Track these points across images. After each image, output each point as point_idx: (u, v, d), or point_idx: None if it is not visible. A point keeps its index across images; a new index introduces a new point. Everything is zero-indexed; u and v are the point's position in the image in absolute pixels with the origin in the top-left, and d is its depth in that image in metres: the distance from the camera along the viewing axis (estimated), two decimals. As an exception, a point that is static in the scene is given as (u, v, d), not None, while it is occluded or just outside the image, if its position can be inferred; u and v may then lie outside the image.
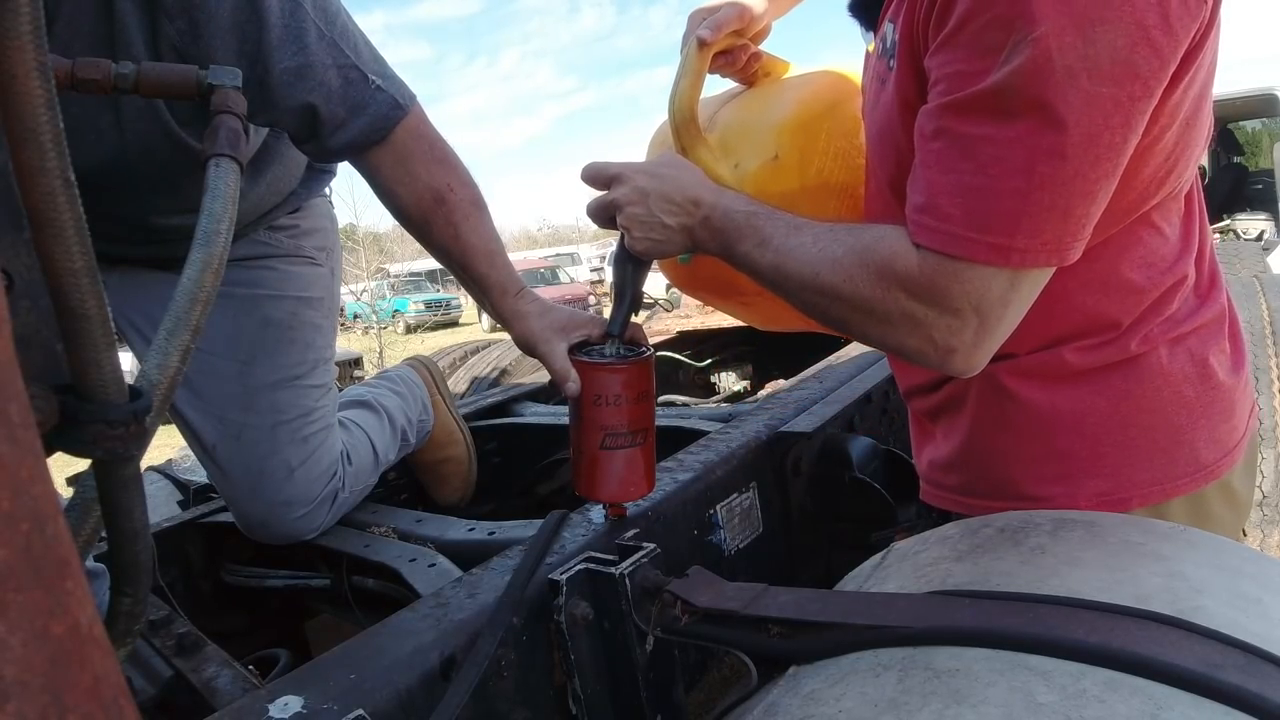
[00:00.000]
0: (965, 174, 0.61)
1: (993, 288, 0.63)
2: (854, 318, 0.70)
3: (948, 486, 0.88)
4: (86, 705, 0.22)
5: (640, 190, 0.81)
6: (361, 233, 16.96)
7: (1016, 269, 0.62)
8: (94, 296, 0.38)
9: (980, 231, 0.61)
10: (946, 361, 0.68)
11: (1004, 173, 0.59)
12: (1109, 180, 0.60)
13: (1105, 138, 0.58)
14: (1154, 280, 0.74)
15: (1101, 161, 0.59)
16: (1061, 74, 0.56)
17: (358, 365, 7.73)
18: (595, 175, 0.85)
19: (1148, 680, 0.43)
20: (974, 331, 0.65)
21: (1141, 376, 0.75)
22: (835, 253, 0.70)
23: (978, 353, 0.67)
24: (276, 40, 0.87)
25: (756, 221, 0.75)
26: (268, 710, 0.61)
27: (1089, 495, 0.76)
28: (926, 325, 0.66)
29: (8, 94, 0.33)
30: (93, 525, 0.47)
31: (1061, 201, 0.59)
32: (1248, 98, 6.08)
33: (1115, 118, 0.57)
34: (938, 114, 0.63)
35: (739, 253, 0.77)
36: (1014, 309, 0.65)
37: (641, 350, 0.92)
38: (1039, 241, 0.61)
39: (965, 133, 0.61)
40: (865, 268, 0.68)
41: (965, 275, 0.63)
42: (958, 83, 0.61)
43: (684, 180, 0.81)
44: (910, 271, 0.65)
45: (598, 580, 0.74)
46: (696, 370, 2.70)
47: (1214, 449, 0.76)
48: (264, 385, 1.20)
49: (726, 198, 0.79)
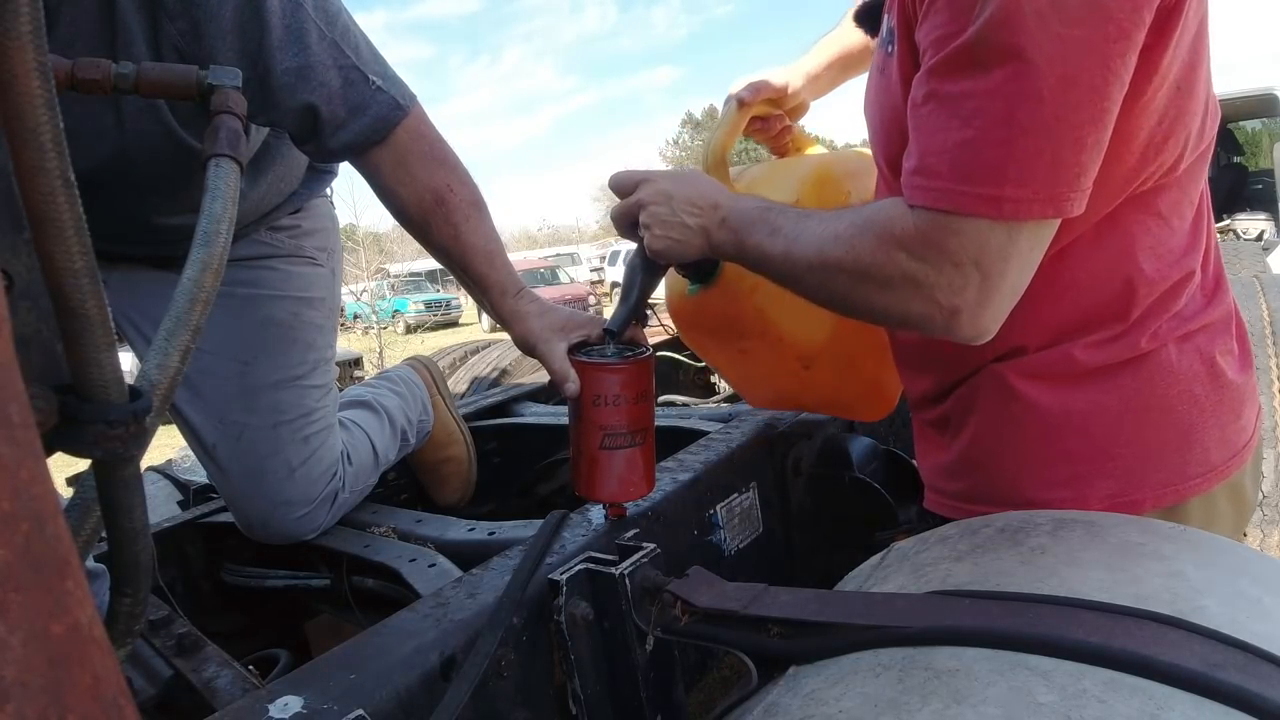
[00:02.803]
0: (952, 131, 0.62)
1: (990, 241, 0.63)
2: (859, 288, 0.71)
3: (952, 493, 0.87)
4: (86, 705, 0.22)
5: (665, 192, 0.84)
6: (362, 233, 16.97)
7: (1011, 220, 0.62)
8: (94, 296, 0.38)
9: (969, 183, 0.62)
10: (952, 324, 0.67)
11: (988, 124, 0.60)
12: (1096, 129, 0.60)
13: (1085, 80, 0.58)
14: (1162, 272, 0.73)
15: (1083, 106, 0.59)
16: (1031, 19, 0.57)
17: (358, 365, 7.73)
18: (622, 182, 0.90)
19: (1148, 680, 0.43)
20: (976, 289, 0.65)
21: (1151, 375, 0.74)
22: (838, 228, 0.72)
23: (983, 313, 0.66)
24: (278, 41, 0.87)
25: (769, 214, 0.78)
26: (268, 710, 0.61)
27: (1099, 497, 0.75)
28: (929, 286, 0.66)
29: (8, 94, 0.33)
30: (93, 525, 0.47)
31: (1048, 147, 0.60)
32: (1248, 98, 6.08)
33: (1090, 59, 0.58)
34: (924, 79, 0.65)
35: (751, 244, 0.78)
36: (1015, 264, 0.64)
37: (641, 350, 0.92)
38: (1029, 190, 0.61)
39: (949, 91, 0.62)
40: (866, 234, 0.69)
41: (960, 229, 0.63)
42: (939, 46, 0.63)
43: (706, 188, 0.85)
44: (908, 231, 0.66)
45: (598, 580, 0.74)
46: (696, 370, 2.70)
47: (1224, 449, 0.76)
48: (264, 385, 1.20)
49: (742, 200, 0.83)
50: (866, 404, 1.15)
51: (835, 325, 1.01)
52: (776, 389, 1.16)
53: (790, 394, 1.15)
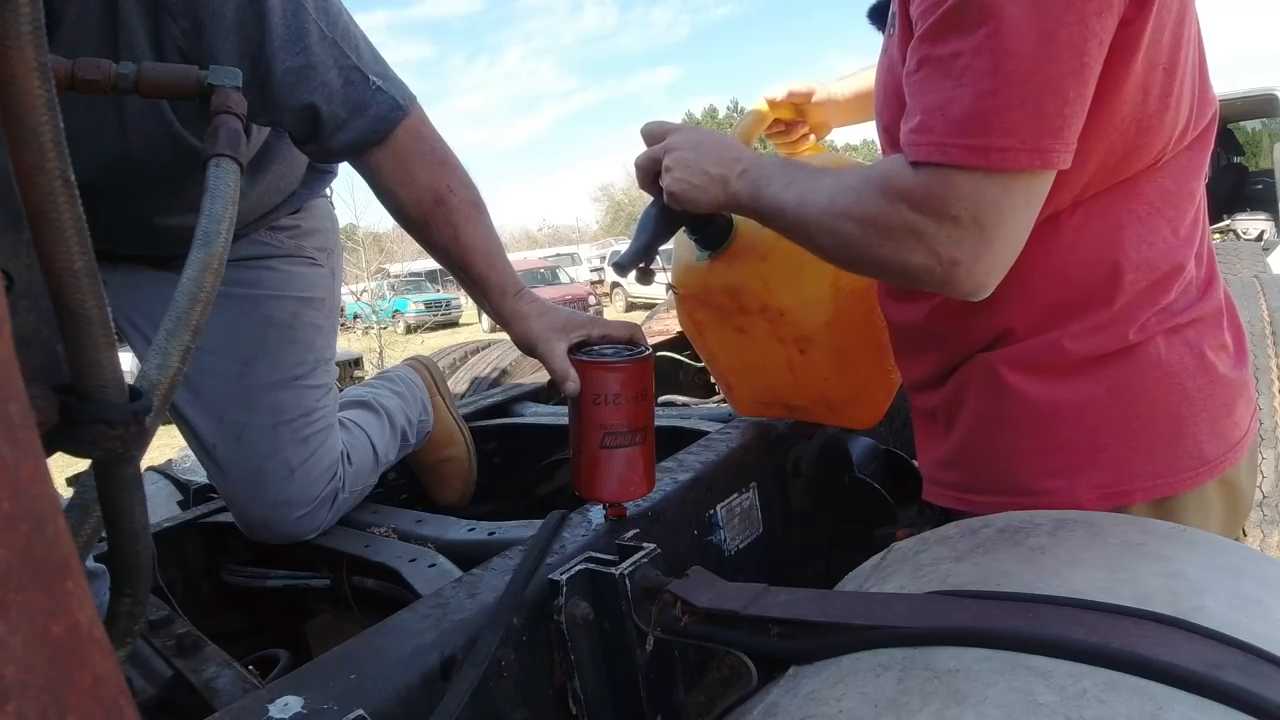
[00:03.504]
0: (944, 90, 0.66)
1: (985, 193, 0.66)
2: (864, 236, 0.73)
3: (949, 483, 0.88)
4: (86, 705, 0.22)
5: (694, 141, 0.88)
6: (361, 233, 16.94)
7: (1003, 172, 0.65)
8: (94, 296, 0.38)
9: (959, 135, 0.65)
10: (951, 276, 0.69)
11: (975, 79, 0.64)
12: (1077, 81, 0.63)
13: (1063, 35, 0.61)
14: (1151, 261, 0.75)
15: (1062, 58, 0.62)
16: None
17: (358, 365, 7.73)
18: (654, 130, 0.93)
19: (1148, 680, 0.43)
20: (974, 241, 0.67)
21: (1140, 366, 0.75)
22: (848, 181, 0.75)
23: (979, 266, 0.68)
24: (279, 41, 0.87)
25: (788, 169, 0.82)
26: (268, 710, 0.61)
27: (1090, 488, 0.76)
28: (929, 238, 0.69)
29: (8, 94, 0.33)
30: (93, 525, 0.47)
31: (1030, 98, 0.63)
32: (1248, 98, 6.08)
33: (1068, 16, 0.61)
34: (916, 47, 0.69)
35: (766, 195, 0.81)
36: (1010, 218, 0.67)
37: (641, 349, 0.92)
38: (1016, 139, 0.64)
39: (939, 54, 0.66)
40: (871, 185, 0.72)
41: (954, 181, 0.66)
42: (929, 14, 0.66)
43: (735, 145, 0.89)
44: (909, 183, 0.69)
45: (598, 580, 0.74)
46: (696, 370, 2.71)
47: (1217, 443, 0.76)
48: (264, 385, 1.20)
49: (765, 158, 0.87)
50: (854, 407, 1.15)
51: (837, 310, 1.03)
52: (767, 382, 1.16)
53: (780, 389, 1.15)
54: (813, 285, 1.01)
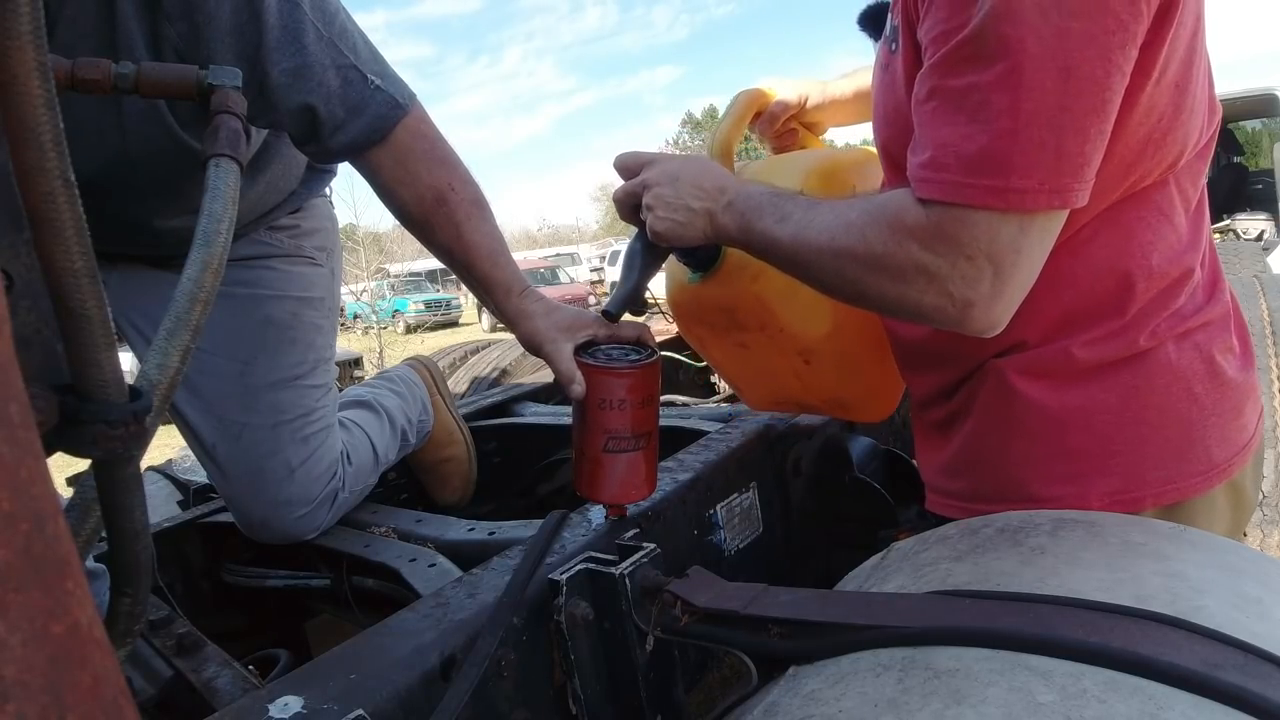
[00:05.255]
0: (958, 124, 0.63)
1: (1001, 233, 0.63)
2: (871, 277, 0.71)
3: (954, 493, 0.86)
4: (86, 705, 0.21)
5: (671, 174, 0.84)
6: (361, 233, 16.95)
7: (1020, 212, 0.63)
8: (94, 296, 0.38)
9: (976, 175, 0.62)
10: (966, 316, 0.67)
11: (991, 116, 0.61)
12: (1099, 119, 0.61)
13: (1085, 70, 0.59)
14: (1162, 268, 0.73)
15: (1084, 95, 0.60)
16: (1031, 11, 0.58)
17: (358, 365, 7.73)
18: (628, 163, 0.89)
19: (1148, 680, 0.43)
20: (990, 282, 0.65)
21: (1150, 373, 0.74)
22: (849, 217, 0.72)
23: (996, 305, 0.66)
24: (275, 42, 0.87)
25: (777, 201, 0.78)
26: (268, 710, 0.61)
27: (1100, 495, 0.75)
28: (941, 278, 0.66)
29: (8, 94, 0.33)
30: (93, 525, 0.47)
31: (1051, 139, 0.60)
32: (1248, 98, 6.08)
33: (1090, 50, 0.59)
34: (927, 75, 0.66)
35: (759, 230, 0.78)
36: (1026, 257, 0.65)
37: (648, 353, 0.92)
38: (1035, 181, 0.61)
39: (952, 86, 0.63)
40: (877, 224, 0.69)
41: (969, 221, 0.64)
42: (941, 42, 0.63)
43: (714, 171, 0.84)
44: (920, 223, 0.66)
45: (598, 580, 0.74)
46: (696, 370, 2.71)
47: (1225, 448, 0.76)
48: (264, 385, 1.20)
49: (749, 185, 0.82)
50: (867, 404, 1.15)
51: (836, 319, 1.01)
52: (776, 386, 1.15)
53: (790, 393, 1.15)
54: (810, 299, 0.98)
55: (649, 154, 0.89)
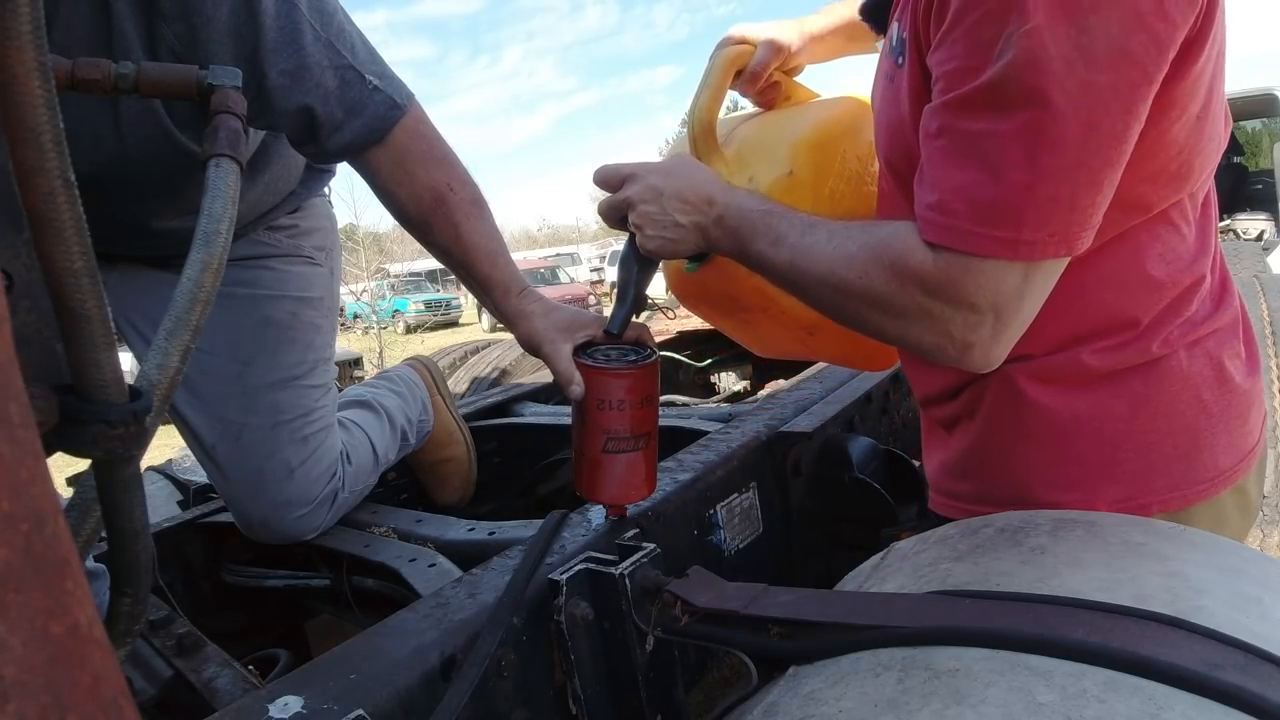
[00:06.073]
0: (970, 170, 0.62)
1: (1006, 281, 0.63)
2: (870, 314, 0.70)
3: (959, 494, 0.86)
4: (86, 705, 0.21)
5: (654, 189, 0.81)
6: (361, 233, 16.95)
7: (1027, 261, 0.62)
8: (94, 296, 0.38)
9: (988, 226, 0.61)
10: (965, 357, 0.67)
11: (1008, 167, 0.60)
12: (1113, 169, 0.60)
13: (1106, 125, 0.58)
14: (1173, 278, 0.73)
15: (1104, 150, 0.59)
16: (1057, 64, 0.56)
17: (358, 365, 7.73)
18: (607, 177, 0.86)
19: (1148, 680, 0.43)
20: (991, 327, 0.65)
21: (1161, 380, 0.74)
22: (849, 249, 0.70)
23: (995, 348, 0.67)
24: (272, 43, 0.87)
25: (771, 220, 0.76)
26: (268, 710, 0.61)
27: (1107, 501, 0.74)
28: (943, 321, 0.66)
29: (8, 94, 0.33)
30: (93, 525, 0.47)
31: (1066, 192, 0.60)
32: (1248, 98, 6.07)
33: (1114, 105, 0.57)
34: (940, 112, 0.64)
35: (753, 251, 0.77)
36: (1029, 301, 0.65)
37: (647, 354, 0.92)
38: (1046, 233, 0.61)
39: (967, 129, 0.61)
40: (879, 264, 0.68)
41: (977, 270, 0.63)
42: (956, 79, 0.61)
43: (698, 179, 0.81)
44: (925, 268, 0.65)
45: (598, 580, 0.74)
46: (696, 370, 2.71)
47: (1231, 454, 0.75)
48: (264, 385, 1.20)
49: (739, 196, 0.79)
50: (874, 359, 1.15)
51: None
52: (784, 350, 1.16)
53: (797, 353, 1.16)
54: None
55: (628, 166, 0.86)
